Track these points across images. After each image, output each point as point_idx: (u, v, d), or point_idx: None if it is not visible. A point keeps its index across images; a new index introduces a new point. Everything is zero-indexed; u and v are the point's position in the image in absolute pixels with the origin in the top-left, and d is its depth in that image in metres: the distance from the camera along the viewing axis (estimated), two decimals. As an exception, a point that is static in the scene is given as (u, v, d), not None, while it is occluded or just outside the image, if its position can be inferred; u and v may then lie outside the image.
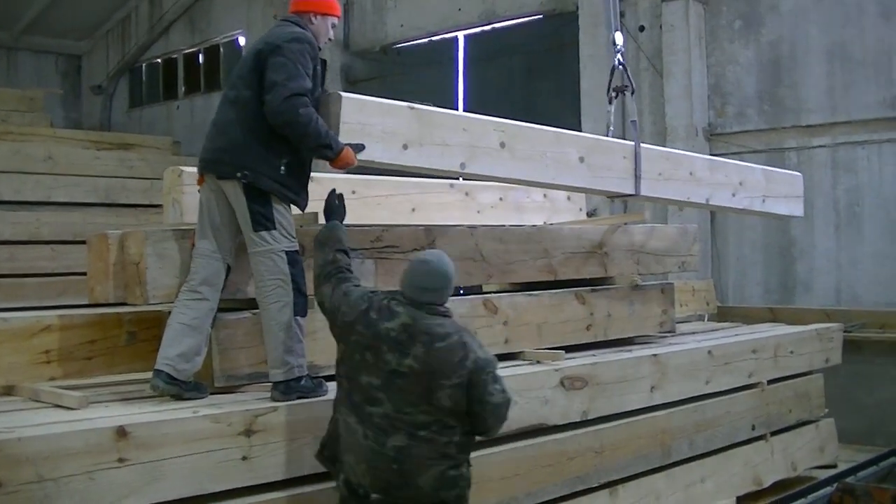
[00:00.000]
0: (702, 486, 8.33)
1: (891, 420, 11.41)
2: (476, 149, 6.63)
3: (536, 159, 6.98)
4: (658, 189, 7.90)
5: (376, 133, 6.11)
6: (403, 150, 6.26)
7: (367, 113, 6.10)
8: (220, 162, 5.90)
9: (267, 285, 5.86)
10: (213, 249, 5.92)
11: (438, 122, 6.52)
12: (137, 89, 24.02)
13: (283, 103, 5.68)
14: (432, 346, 5.07)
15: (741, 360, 8.86)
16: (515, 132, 6.92)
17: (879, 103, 11.92)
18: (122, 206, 15.69)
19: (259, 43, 5.98)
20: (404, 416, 5.06)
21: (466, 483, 5.19)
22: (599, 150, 7.55)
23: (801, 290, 12.60)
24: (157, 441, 5.05)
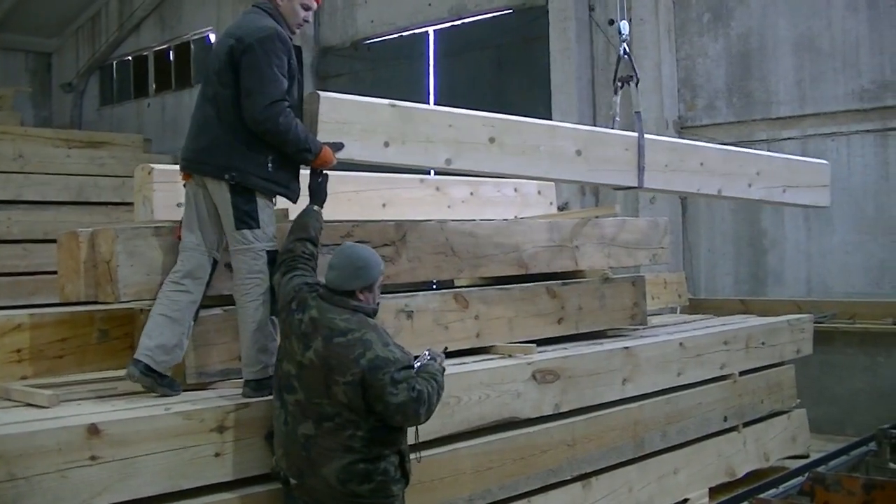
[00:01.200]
0: (675, 478, 8.38)
1: (861, 410, 11.48)
2: (462, 144, 6.59)
3: (529, 153, 6.92)
4: (664, 181, 7.81)
5: (355, 131, 6.10)
6: (385, 147, 6.24)
7: (345, 111, 6.08)
8: (203, 162, 5.88)
9: (245, 283, 5.87)
10: (199, 243, 5.93)
11: (421, 118, 6.49)
12: (108, 87, 23.91)
13: (262, 112, 5.68)
14: (331, 341, 5.14)
15: (713, 352, 8.91)
16: (505, 126, 6.87)
17: (848, 95, 11.98)
18: (93, 205, 15.63)
19: (230, 37, 5.93)
20: (313, 405, 5.15)
21: (389, 478, 5.20)
22: (598, 142, 7.47)
23: (772, 282, 12.66)
24: (130, 438, 5.05)
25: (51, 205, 15.11)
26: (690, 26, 13.32)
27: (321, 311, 5.26)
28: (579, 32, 13.75)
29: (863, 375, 11.78)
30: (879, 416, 9.85)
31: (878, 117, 11.76)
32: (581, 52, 13.74)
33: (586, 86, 13.74)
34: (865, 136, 11.91)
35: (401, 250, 7.11)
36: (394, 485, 5.24)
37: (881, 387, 11.62)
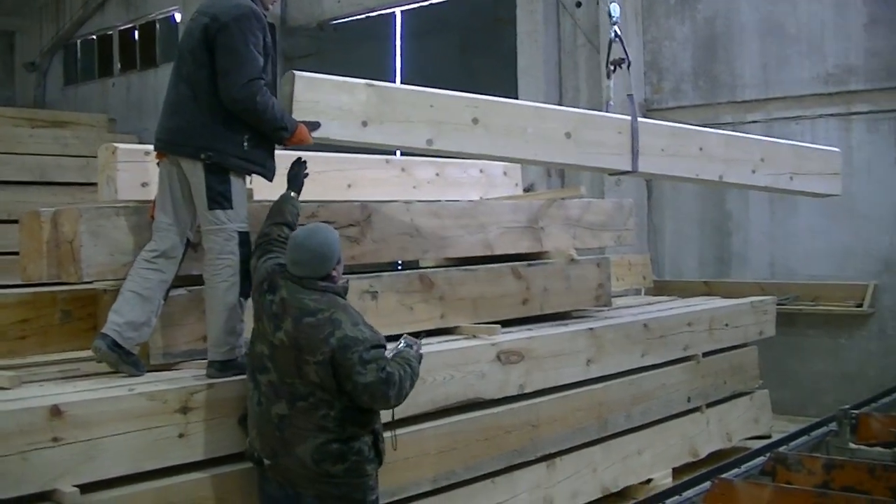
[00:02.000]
0: (638, 458, 8.42)
1: (823, 391, 11.58)
2: (444, 125, 6.52)
3: (515, 135, 6.82)
4: (661, 165, 7.67)
5: (332, 111, 6.06)
6: (363, 127, 6.18)
7: (321, 91, 6.04)
8: (178, 142, 5.86)
9: (216, 264, 5.86)
10: (172, 223, 5.92)
11: (401, 98, 6.43)
12: (72, 66, 23.74)
13: (240, 91, 5.68)
14: (300, 322, 5.15)
15: (677, 334, 8.96)
16: (490, 108, 6.79)
17: (813, 79, 12.03)
18: (57, 185, 15.51)
19: (204, 15, 5.89)
20: (286, 385, 5.17)
21: (363, 458, 5.22)
22: (589, 125, 7.35)
23: (736, 264, 12.72)
24: (92, 419, 5.03)
25: (13, 185, 14.97)
26: (657, 9, 13.33)
27: (291, 292, 5.27)
28: (547, 15, 13.75)
29: (825, 357, 11.87)
30: (841, 397, 9.94)
31: (843, 101, 11.82)
32: (548, 34, 13.73)
33: (553, 69, 13.74)
34: (830, 120, 11.96)
35: (366, 231, 7.10)
36: (367, 464, 5.25)
37: (843, 369, 11.72)
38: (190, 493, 5.37)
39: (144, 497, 5.19)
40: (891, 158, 11.52)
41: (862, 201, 11.60)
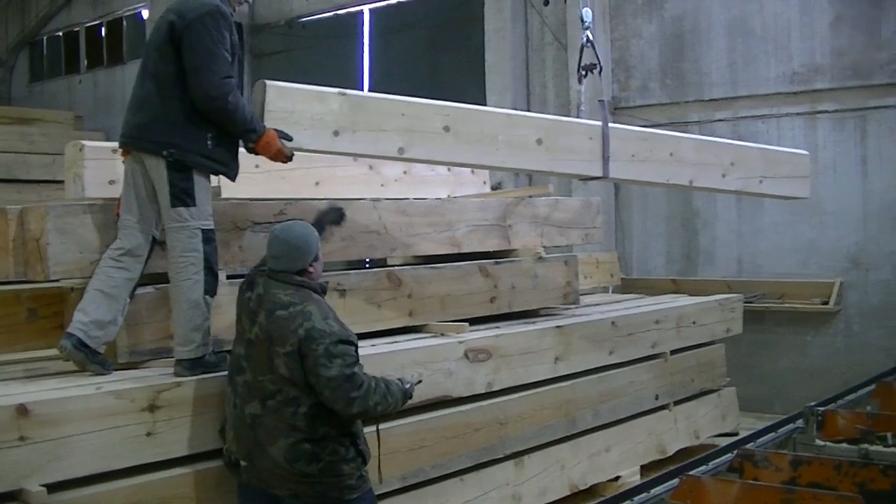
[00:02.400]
0: (606, 456, 8.44)
1: (790, 388, 11.65)
2: (416, 133, 6.48)
3: (486, 142, 6.79)
4: (632, 171, 7.62)
5: (304, 120, 6.02)
6: (334, 136, 6.15)
7: (293, 100, 6.00)
8: (142, 139, 5.82)
9: (179, 262, 5.83)
10: (137, 221, 5.88)
11: (372, 107, 6.38)
12: (38, 63, 23.61)
13: (215, 89, 5.66)
14: (273, 315, 5.20)
15: (644, 331, 8.99)
16: (461, 115, 6.74)
17: (779, 77, 12.10)
18: (22, 182, 15.44)
19: (171, 13, 5.87)
20: (258, 384, 5.20)
21: (339, 458, 5.20)
22: (560, 131, 7.30)
23: (703, 262, 12.78)
24: (60, 418, 5.00)
25: (-22, 182, 14.90)
26: (625, 7, 13.38)
27: (266, 287, 5.32)
28: (514, 13, 13.77)
29: (791, 354, 11.95)
30: (807, 394, 9.98)
31: (808, 100, 11.91)
32: (516, 32, 13.75)
33: (520, 66, 13.77)
34: (795, 119, 12.04)
35: (333, 228, 7.09)
36: (345, 464, 5.23)
37: (809, 365, 11.81)
38: (158, 492, 5.35)
39: (113, 496, 5.17)
40: (856, 157, 11.61)
41: (828, 199, 11.69)
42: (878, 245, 11.49)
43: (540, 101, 13.67)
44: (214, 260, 5.92)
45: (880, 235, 11.46)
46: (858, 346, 11.59)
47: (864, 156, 11.56)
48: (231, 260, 6.50)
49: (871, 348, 11.45)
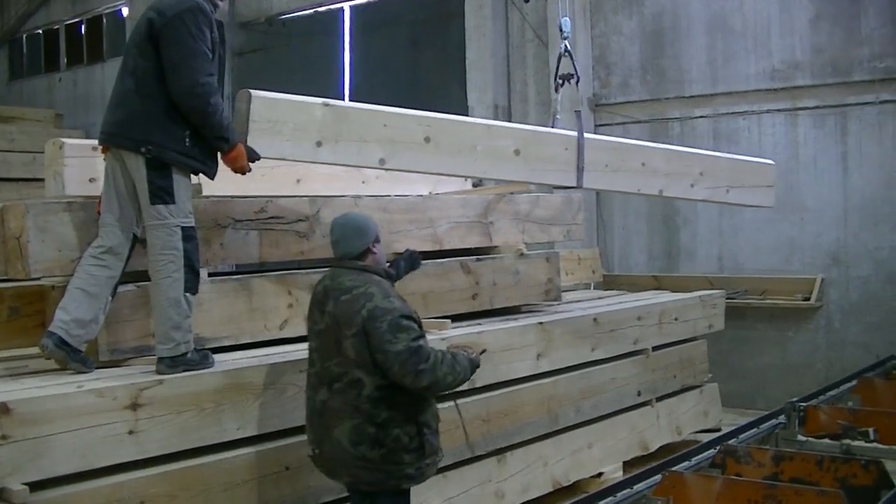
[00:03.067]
0: (589, 452, 8.45)
1: (771, 384, 11.69)
2: (397, 144, 6.48)
3: (466, 153, 6.81)
4: (604, 181, 7.69)
5: (287, 131, 6.00)
6: (317, 147, 6.14)
7: (277, 111, 5.97)
8: (120, 135, 5.80)
9: (159, 260, 5.80)
10: (118, 219, 5.86)
11: (355, 117, 6.36)
12: (17, 61, 23.53)
13: (196, 88, 5.65)
14: (339, 300, 5.30)
15: (626, 328, 8.99)
16: (441, 126, 6.76)
17: (759, 74, 12.13)
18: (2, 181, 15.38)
19: (151, 10, 5.85)
20: (325, 370, 5.32)
21: (401, 447, 5.26)
22: (537, 141, 7.31)
23: (684, 259, 12.80)
24: (41, 417, 4.98)
25: (-42, 181, 14.84)
26: (605, 4, 13.39)
27: (333, 278, 5.47)
28: (495, 9, 13.76)
29: (773, 350, 11.99)
30: (789, 390, 10.03)
31: (788, 97, 11.93)
32: (496, 29, 13.75)
33: (501, 62, 13.77)
34: (776, 116, 12.07)
35: (314, 226, 7.09)
36: (406, 454, 5.29)
37: (790, 362, 11.84)
38: (140, 490, 5.33)
39: (95, 494, 5.15)
40: (837, 153, 11.64)
41: (808, 196, 11.73)
42: (858, 242, 11.52)
43: (521, 98, 13.67)
44: (195, 258, 5.89)
45: (861, 232, 11.49)
46: (839, 342, 11.63)
47: (845, 152, 11.59)
48: (212, 258, 6.49)
49: (852, 344, 11.49)
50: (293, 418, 6.13)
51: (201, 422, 5.66)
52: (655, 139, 12.55)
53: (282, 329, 6.85)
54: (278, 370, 6.11)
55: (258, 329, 6.72)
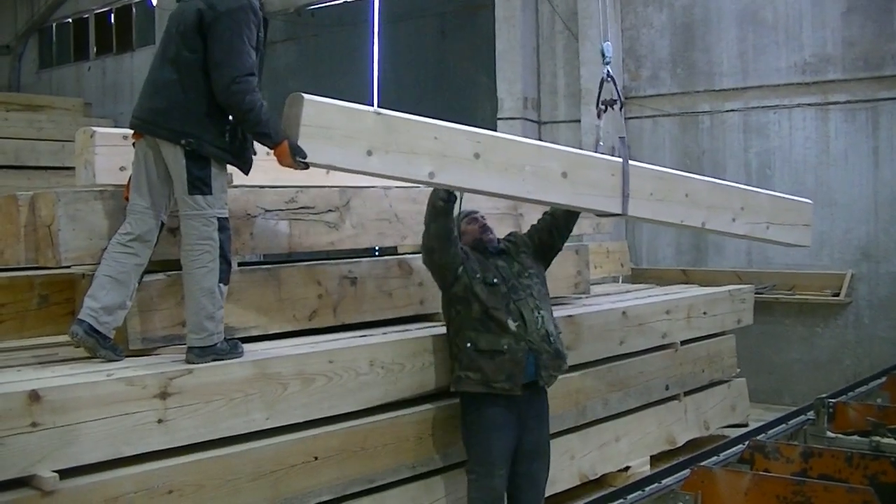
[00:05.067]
0: (616, 446, 8.43)
1: (799, 379, 11.65)
2: (447, 158, 6.28)
3: (514, 172, 6.57)
4: (649, 210, 7.37)
5: (338, 137, 5.83)
6: (367, 156, 5.94)
7: (329, 116, 5.80)
8: (159, 124, 5.79)
9: (194, 249, 5.81)
10: (148, 206, 5.85)
11: (406, 128, 6.16)
12: (47, 50, 23.61)
13: (231, 87, 5.63)
14: None
15: (655, 321, 8.96)
16: (492, 143, 6.53)
17: (790, 68, 12.06)
18: (31, 169, 15.45)
19: (201, 1, 5.83)
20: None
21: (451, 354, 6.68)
22: (585, 165, 7.03)
23: (712, 253, 12.75)
24: (71, 405, 4.99)
25: (-14, 169, 14.91)
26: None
27: None
28: (524, 1, 13.73)
29: (801, 346, 11.94)
30: (816, 385, 10.01)
31: (819, 91, 11.87)
32: (526, 20, 13.73)
33: (531, 54, 13.74)
34: (807, 110, 12.01)
35: (344, 216, 7.09)
36: (455, 361, 6.61)
37: (818, 357, 11.80)
38: (168, 479, 5.34)
39: (123, 482, 5.16)
40: (868, 148, 11.57)
41: (839, 191, 11.68)
42: (888, 237, 11.47)
43: (550, 90, 13.65)
44: (228, 248, 5.90)
45: (891, 227, 11.43)
46: (868, 338, 11.58)
47: (876, 147, 11.53)
48: (242, 248, 6.50)
49: (881, 341, 11.43)
50: (321, 409, 6.14)
51: (230, 411, 5.66)
52: (685, 132, 12.58)
53: (311, 320, 6.84)
54: (307, 361, 6.10)
55: (287, 319, 6.72)
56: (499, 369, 6.32)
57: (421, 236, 6.67)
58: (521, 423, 6.48)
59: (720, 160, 12.45)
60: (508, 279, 6.61)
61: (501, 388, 6.34)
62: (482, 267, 6.66)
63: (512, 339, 6.36)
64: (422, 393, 6.79)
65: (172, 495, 5.36)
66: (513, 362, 6.32)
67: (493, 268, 6.68)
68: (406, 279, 7.41)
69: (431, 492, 6.81)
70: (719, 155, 12.55)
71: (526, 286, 6.63)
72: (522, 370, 6.37)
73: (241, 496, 5.65)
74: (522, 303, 6.49)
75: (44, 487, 4.83)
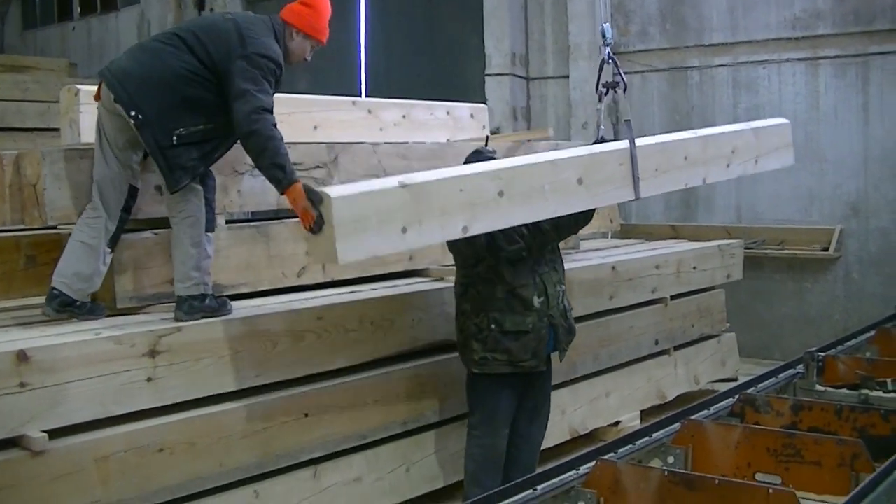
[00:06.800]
0: (606, 401, 8.45)
1: (788, 334, 11.67)
2: (475, 206, 5.92)
3: (536, 196, 6.30)
4: (656, 185, 7.14)
5: (372, 224, 5.37)
6: (403, 233, 5.52)
7: (359, 206, 5.31)
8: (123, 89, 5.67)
9: (180, 199, 5.80)
10: (112, 170, 5.79)
11: (434, 191, 5.73)
12: (31, 10, 23.38)
13: (253, 115, 5.55)
14: None
15: (644, 276, 8.97)
16: (512, 175, 6.15)
17: (780, 23, 11.99)
18: (17, 130, 15.31)
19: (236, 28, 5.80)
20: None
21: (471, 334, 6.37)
22: (595, 164, 6.73)
23: (702, 208, 12.72)
24: (59, 364, 5.00)
25: (-29, 130, 14.80)
26: (624, -50, 13.26)
27: None
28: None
29: (790, 301, 11.95)
30: (806, 340, 10.01)
31: (809, 46, 11.80)
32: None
33: (519, 10, 13.63)
34: (797, 65, 11.95)
35: (332, 172, 7.05)
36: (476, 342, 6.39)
37: (808, 312, 11.81)
38: (159, 438, 5.36)
39: (113, 442, 5.17)
40: (857, 103, 11.53)
41: (828, 146, 11.65)
42: (878, 192, 11.44)
43: (539, 48, 13.58)
44: (212, 196, 5.93)
45: (881, 183, 11.41)
46: (857, 293, 11.58)
47: (866, 102, 11.49)
48: (230, 205, 6.47)
49: (870, 295, 11.44)
50: (311, 365, 6.16)
51: (219, 369, 5.66)
52: (674, 88, 12.54)
53: (300, 276, 6.83)
54: (296, 317, 6.11)
55: (276, 276, 6.70)
56: (524, 348, 6.26)
57: None
58: (527, 385, 6.49)
59: (709, 116, 12.39)
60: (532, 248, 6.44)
61: (528, 366, 6.33)
62: (508, 239, 6.35)
63: (535, 316, 6.29)
64: (412, 349, 6.80)
65: (163, 454, 5.37)
66: (537, 340, 6.29)
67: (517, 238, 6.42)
68: (395, 235, 7.37)
69: (423, 447, 6.83)
70: (708, 111, 12.50)
71: (550, 260, 6.53)
72: (545, 346, 6.39)
73: (232, 454, 5.66)
74: (547, 276, 6.40)
75: (33, 448, 4.84)
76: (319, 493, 6.20)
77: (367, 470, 6.49)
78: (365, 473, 6.48)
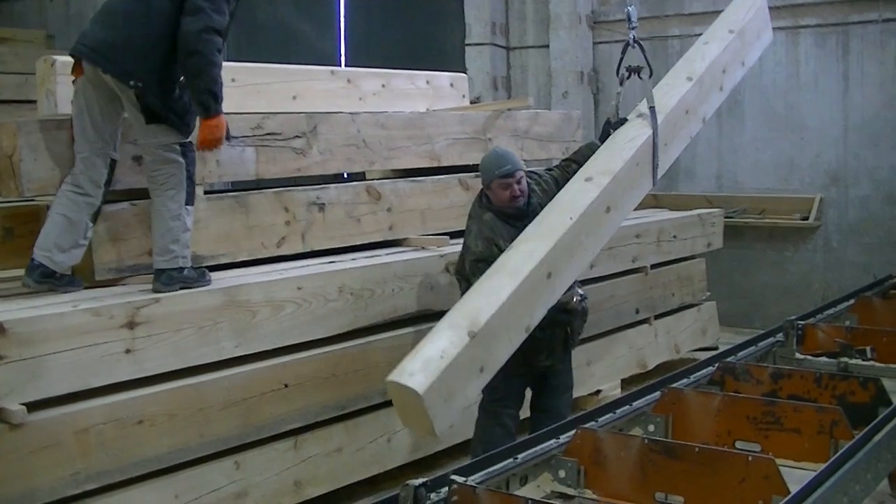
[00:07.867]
0: (587, 370, 8.46)
1: (769, 303, 11.69)
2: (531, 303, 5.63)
3: (577, 251, 6.01)
4: (666, 160, 6.93)
5: (458, 386, 5.13)
6: (480, 372, 5.28)
7: (444, 384, 4.98)
8: (109, 59, 5.66)
9: (161, 172, 5.78)
10: (95, 149, 5.76)
11: (497, 324, 5.36)
12: (7, -20, 23.20)
13: (203, 34, 5.56)
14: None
15: (625, 245, 8.95)
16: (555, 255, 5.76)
17: (760, -10, 11.97)
18: (-6, 103, 15.23)
19: None
20: None
21: None
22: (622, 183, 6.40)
23: (683, 177, 12.70)
24: (37, 337, 4.97)
25: (-52, 102, 14.69)
26: (604, -82, 13.20)
27: None
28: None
29: (771, 270, 11.96)
30: (786, 309, 10.01)
31: (790, 15, 11.76)
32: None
33: (500, -21, 13.57)
34: (777, 34, 11.81)
35: (312, 142, 7.02)
36: None
37: (788, 281, 11.83)
38: (139, 409, 5.35)
39: (92, 414, 5.16)
40: (837, 72, 11.52)
41: (809, 115, 11.64)
42: (858, 161, 11.45)
43: (519, 16, 13.50)
44: (193, 170, 5.89)
45: (860, 152, 11.42)
46: (837, 261, 11.61)
47: (846, 71, 11.48)
48: (209, 175, 6.43)
49: (850, 264, 11.47)
50: (291, 336, 6.15)
51: (199, 340, 5.65)
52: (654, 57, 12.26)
53: (279, 247, 6.80)
54: (276, 288, 6.09)
55: (255, 247, 6.67)
56: (538, 348, 6.12)
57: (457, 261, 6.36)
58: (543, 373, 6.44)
59: (690, 85, 12.36)
60: None
61: (542, 366, 6.32)
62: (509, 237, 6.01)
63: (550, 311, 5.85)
64: (392, 319, 6.79)
65: (143, 425, 5.36)
66: (552, 337, 6.23)
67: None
68: (374, 205, 7.36)
69: (403, 417, 6.82)
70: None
71: None
72: (560, 343, 6.38)
73: (212, 425, 5.66)
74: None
75: (12, 420, 4.82)
76: (300, 464, 6.20)
77: (347, 440, 6.49)
78: (345, 444, 6.48)
